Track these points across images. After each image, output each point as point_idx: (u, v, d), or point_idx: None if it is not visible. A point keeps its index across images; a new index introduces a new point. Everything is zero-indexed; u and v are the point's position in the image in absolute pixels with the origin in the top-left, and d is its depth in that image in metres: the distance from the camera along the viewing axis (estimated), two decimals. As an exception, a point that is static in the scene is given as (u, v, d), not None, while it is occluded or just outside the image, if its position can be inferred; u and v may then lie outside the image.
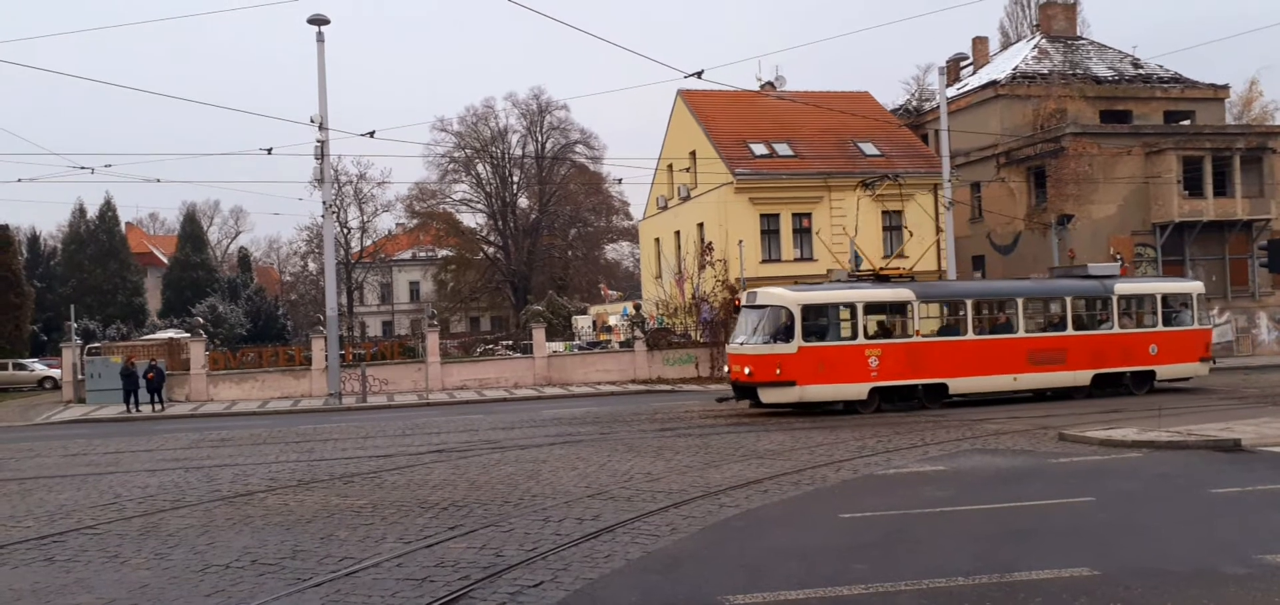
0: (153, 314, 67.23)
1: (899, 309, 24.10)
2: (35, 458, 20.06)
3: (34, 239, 68.97)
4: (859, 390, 23.17)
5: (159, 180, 45.26)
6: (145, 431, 25.74)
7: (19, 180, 43.38)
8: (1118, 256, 42.01)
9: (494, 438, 20.71)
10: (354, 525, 11.44)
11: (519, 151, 69.41)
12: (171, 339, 42.82)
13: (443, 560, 9.58)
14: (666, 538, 10.34)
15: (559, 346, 43.01)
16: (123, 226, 69.34)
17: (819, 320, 23.29)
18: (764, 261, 40.31)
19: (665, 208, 47.63)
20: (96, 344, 41.39)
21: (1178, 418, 19.23)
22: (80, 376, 36.98)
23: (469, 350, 48.90)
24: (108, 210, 65.98)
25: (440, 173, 70.55)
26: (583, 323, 51.93)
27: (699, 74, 25.24)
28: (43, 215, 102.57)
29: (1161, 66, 51.16)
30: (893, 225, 41.44)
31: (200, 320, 47.60)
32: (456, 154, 69.49)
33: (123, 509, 13.18)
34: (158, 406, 32.39)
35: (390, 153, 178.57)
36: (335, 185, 65.19)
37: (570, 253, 73.26)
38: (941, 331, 24.76)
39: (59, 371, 41.50)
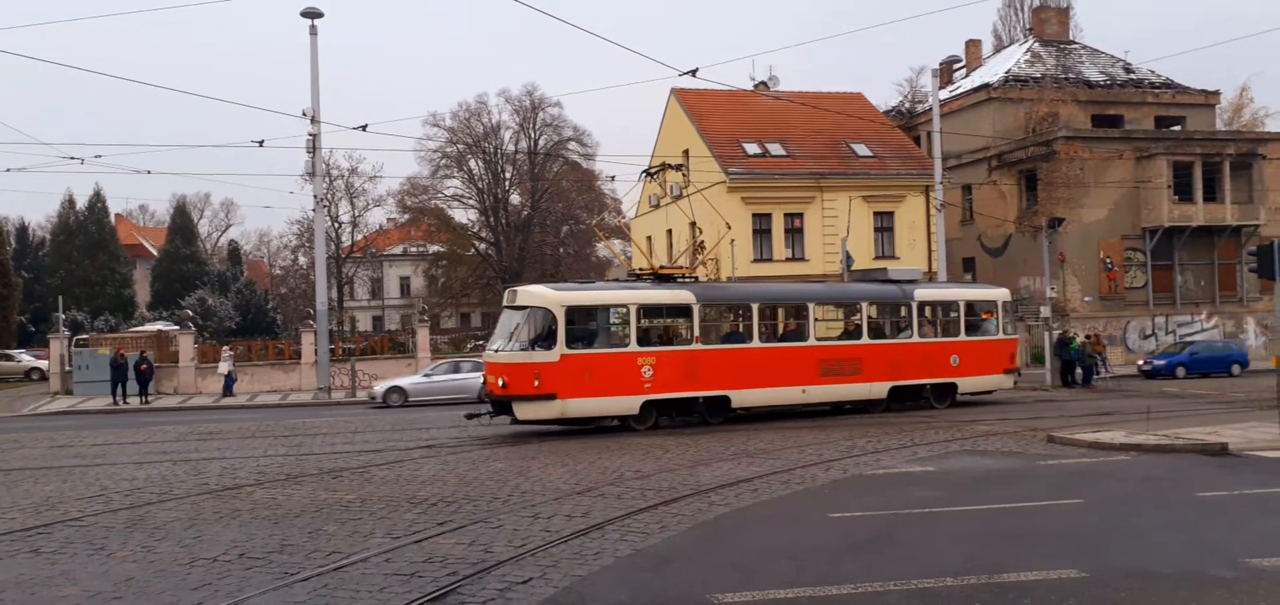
0: (142, 306, 66.88)
1: (679, 313, 21.79)
2: (21, 449, 19.99)
3: (22, 229, 68.58)
4: (630, 404, 20.66)
5: (149, 172, 45.02)
6: (133, 424, 25.65)
7: (8, 170, 43.11)
8: (1107, 261, 42.21)
9: (483, 434, 20.69)
10: (342, 520, 11.41)
11: (511, 148, 69.27)
12: (160, 331, 42.65)
13: (431, 556, 9.55)
14: (656, 535, 10.33)
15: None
16: (112, 218, 68.96)
17: (587, 324, 20.87)
18: (755, 261, 40.32)
19: (657, 206, 47.61)
20: (84, 336, 41.16)
21: (1165, 421, 19.33)
22: (68, 368, 36.81)
23: (459, 346, 48.85)
24: (97, 201, 65.65)
25: (432, 168, 70.37)
26: (574, 320, 51.65)
27: (693, 73, 25.25)
28: (31, 205, 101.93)
29: (1153, 72, 51.41)
30: (885, 226, 41.47)
31: (189, 313, 47.31)
32: (449, 149, 69.30)
33: (109, 501, 13.13)
34: (144, 400, 32.26)
35: (382, 147, 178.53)
36: (327, 179, 65.13)
37: (562, 250, 73.13)
38: (726, 339, 22.38)
39: (46, 363, 41.30)
